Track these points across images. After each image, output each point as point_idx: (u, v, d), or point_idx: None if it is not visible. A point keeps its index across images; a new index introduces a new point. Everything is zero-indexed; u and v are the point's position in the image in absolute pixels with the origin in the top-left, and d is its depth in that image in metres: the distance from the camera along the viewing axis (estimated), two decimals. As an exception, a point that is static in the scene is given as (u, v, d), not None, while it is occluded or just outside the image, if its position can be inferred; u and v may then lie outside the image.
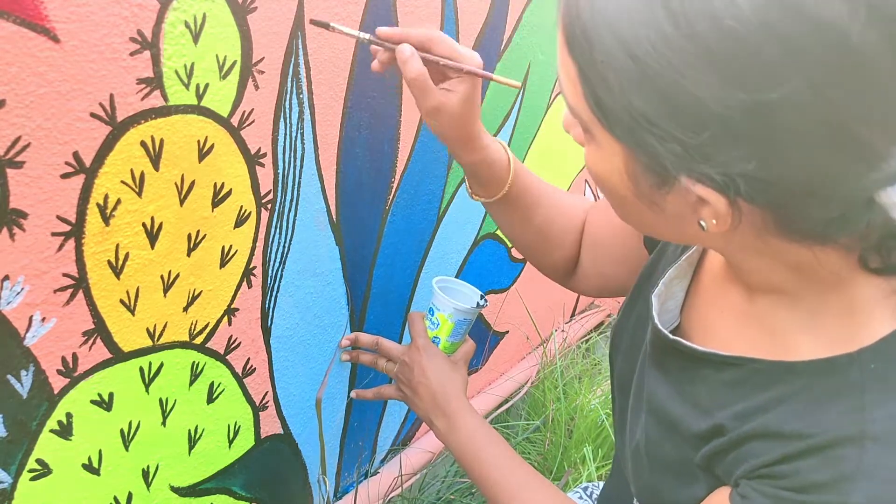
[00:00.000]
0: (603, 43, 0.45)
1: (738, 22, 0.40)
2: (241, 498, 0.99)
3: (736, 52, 0.41)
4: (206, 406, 0.87)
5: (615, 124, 0.48)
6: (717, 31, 0.41)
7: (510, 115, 1.29)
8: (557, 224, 0.89)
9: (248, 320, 0.89)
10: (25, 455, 0.68)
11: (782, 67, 0.41)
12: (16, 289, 0.62)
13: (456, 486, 1.47)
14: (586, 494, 1.05)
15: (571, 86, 0.51)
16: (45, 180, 0.61)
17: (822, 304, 0.54)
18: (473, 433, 0.88)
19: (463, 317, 0.97)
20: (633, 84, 0.45)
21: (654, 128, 0.45)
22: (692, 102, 0.43)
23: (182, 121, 0.70)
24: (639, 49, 0.43)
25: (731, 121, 0.43)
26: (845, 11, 0.40)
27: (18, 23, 0.55)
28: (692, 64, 0.42)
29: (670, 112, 0.44)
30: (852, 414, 0.51)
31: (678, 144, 0.45)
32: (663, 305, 0.67)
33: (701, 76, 0.42)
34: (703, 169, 0.45)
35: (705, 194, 0.47)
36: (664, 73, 0.43)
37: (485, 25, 1.13)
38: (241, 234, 0.83)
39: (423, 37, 0.75)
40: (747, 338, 0.60)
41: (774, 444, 0.54)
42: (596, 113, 0.49)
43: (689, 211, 0.50)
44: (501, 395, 1.59)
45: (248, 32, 0.74)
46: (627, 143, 0.49)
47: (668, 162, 0.47)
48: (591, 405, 1.67)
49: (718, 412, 0.59)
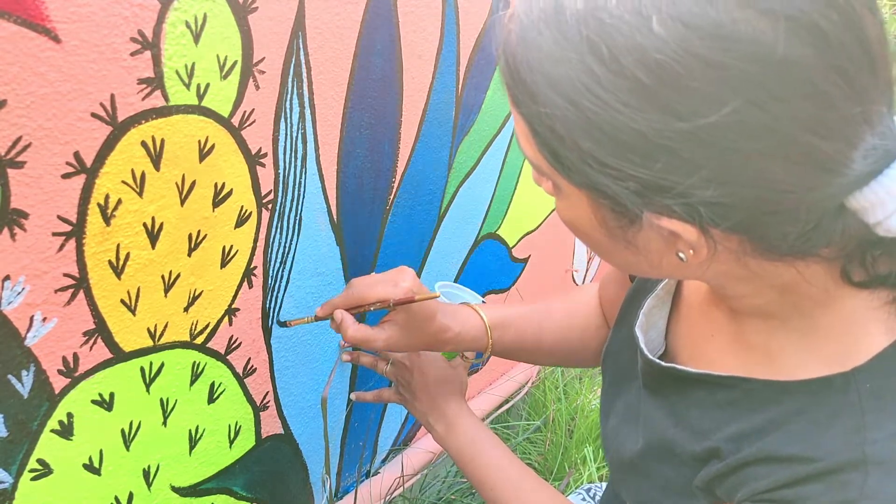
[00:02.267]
0: (543, 94, 0.46)
1: (662, 54, 0.41)
2: (242, 498, 0.99)
3: (667, 83, 0.41)
4: (206, 406, 0.87)
5: (571, 171, 0.48)
6: (644, 64, 0.42)
7: (510, 115, 1.29)
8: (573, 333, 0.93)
9: (249, 320, 0.89)
10: (26, 455, 0.68)
11: (715, 91, 0.41)
12: (16, 289, 0.62)
13: (456, 487, 1.47)
14: (589, 496, 1.05)
15: (526, 141, 0.51)
16: (45, 180, 0.61)
17: (812, 324, 0.54)
18: (472, 437, 0.88)
19: None
20: (578, 129, 0.45)
21: (606, 168, 0.46)
22: (636, 137, 0.43)
23: (183, 121, 0.70)
24: (575, 94, 0.44)
25: (677, 150, 0.43)
26: (766, 27, 0.40)
27: (19, 23, 0.55)
28: (626, 100, 0.43)
29: (618, 150, 0.44)
30: (852, 436, 0.50)
31: (633, 181, 0.45)
32: (647, 335, 0.68)
33: (637, 111, 0.42)
34: (663, 201, 0.46)
35: (672, 226, 0.47)
36: (603, 114, 0.44)
37: (485, 25, 1.13)
38: (242, 234, 0.83)
39: (347, 298, 0.84)
40: (740, 359, 0.60)
41: (775, 469, 0.53)
42: (552, 163, 0.50)
43: (665, 245, 0.50)
44: (502, 395, 1.59)
45: (249, 32, 0.74)
46: (587, 189, 0.49)
47: (628, 200, 0.47)
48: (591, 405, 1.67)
49: (713, 434, 0.59)
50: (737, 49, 0.40)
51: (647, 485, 0.67)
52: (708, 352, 0.64)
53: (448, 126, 1.13)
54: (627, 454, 0.68)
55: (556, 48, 0.45)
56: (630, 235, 0.51)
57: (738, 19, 0.40)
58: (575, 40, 0.44)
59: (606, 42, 0.42)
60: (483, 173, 1.27)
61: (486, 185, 1.30)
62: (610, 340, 0.78)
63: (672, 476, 0.63)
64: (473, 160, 1.23)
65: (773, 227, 0.47)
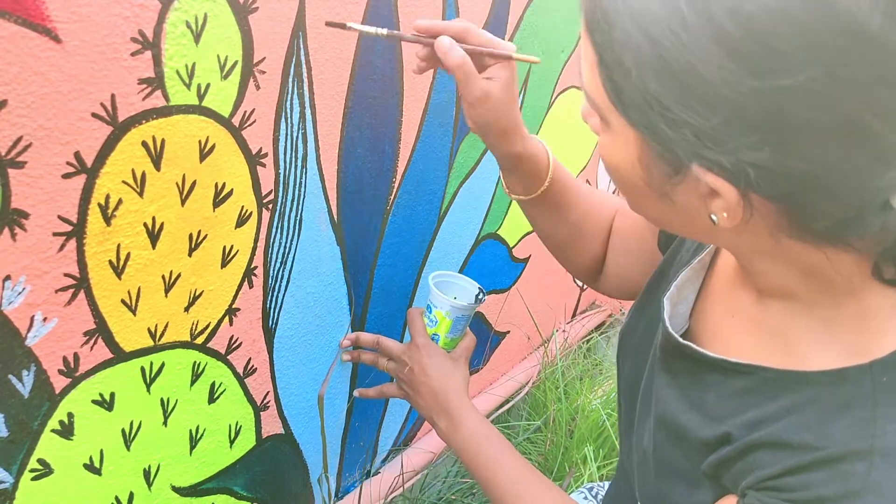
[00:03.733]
0: (621, 25, 0.45)
1: (756, 6, 0.40)
2: (243, 498, 0.99)
3: (751, 37, 0.41)
4: (207, 406, 0.87)
5: (630, 108, 0.48)
6: (734, 14, 0.41)
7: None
8: (591, 223, 0.89)
9: (250, 320, 0.89)
10: (27, 455, 0.68)
11: (797, 55, 0.40)
12: (17, 289, 0.62)
13: (457, 487, 1.47)
14: (591, 495, 1.05)
15: (590, 71, 0.51)
16: (46, 180, 0.61)
17: (836, 313, 0.54)
18: (475, 432, 0.88)
19: (461, 313, 0.96)
20: (648, 66, 0.45)
21: (666, 112, 0.45)
22: (706, 86, 0.43)
23: (183, 121, 0.70)
24: (655, 30, 0.44)
25: (742, 107, 0.42)
26: (865, 3, 0.39)
27: (20, 23, 0.55)
28: (707, 47, 0.42)
29: (683, 95, 0.44)
30: (862, 427, 0.50)
31: (689, 130, 0.45)
32: (675, 309, 0.67)
33: (715, 60, 0.42)
34: (714, 156, 0.45)
35: (715, 184, 0.47)
36: (679, 56, 0.43)
37: (485, 26, 1.13)
38: (243, 234, 0.83)
39: (460, 27, 0.75)
40: (758, 344, 0.59)
41: (782, 455, 0.53)
42: (612, 97, 0.49)
43: (701, 203, 0.50)
44: (502, 395, 1.59)
45: (250, 32, 0.74)
46: (641, 129, 0.48)
47: (680, 148, 0.46)
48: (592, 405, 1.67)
49: (727, 420, 0.58)
50: (830, 17, 0.39)
51: (654, 473, 0.66)
52: (728, 334, 0.63)
53: (449, 126, 1.13)
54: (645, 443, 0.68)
55: None
56: (669, 186, 0.51)
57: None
58: None
59: None
60: (483, 173, 1.27)
61: (487, 185, 1.30)
62: (631, 316, 0.77)
63: (680, 462, 0.63)
64: (474, 160, 1.23)
65: (814, 205, 0.46)
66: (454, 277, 1.03)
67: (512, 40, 1.21)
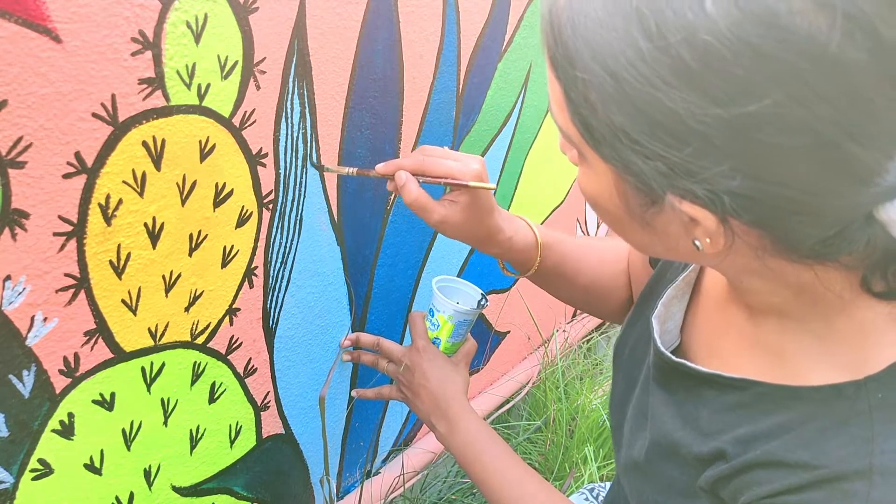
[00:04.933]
0: (583, 61, 0.45)
1: (712, 36, 0.40)
2: (243, 498, 0.99)
3: (711, 67, 0.40)
4: (207, 406, 0.87)
5: (600, 144, 0.48)
6: (692, 45, 0.40)
7: (511, 115, 1.29)
8: (604, 278, 0.90)
9: (250, 320, 0.89)
10: (27, 455, 0.68)
11: (759, 81, 0.40)
12: (17, 289, 0.62)
13: (457, 487, 1.47)
14: (592, 496, 1.05)
15: (558, 107, 0.51)
16: (46, 180, 0.61)
17: (828, 329, 0.53)
18: (474, 436, 0.87)
19: (463, 318, 0.97)
20: (613, 101, 0.44)
21: (636, 145, 0.45)
22: (671, 118, 0.42)
23: (183, 121, 0.70)
24: (616, 66, 0.43)
25: (710, 136, 0.42)
26: (822, 23, 0.39)
27: (20, 23, 0.55)
28: (668, 79, 0.42)
29: (651, 129, 0.44)
30: (860, 445, 0.50)
31: (661, 162, 0.44)
32: (663, 326, 0.67)
33: (677, 91, 0.42)
34: (688, 186, 0.45)
35: (693, 212, 0.46)
36: (642, 89, 0.43)
37: (486, 26, 1.13)
38: (243, 235, 0.83)
39: (416, 163, 0.80)
40: (752, 360, 0.59)
41: (780, 474, 0.53)
42: (582, 133, 0.49)
43: (683, 230, 0.50)
44: (503, 395, 1.59)
45: (250, 32, 0.74)
46: (613, 163, 0.48)
47: (653, 180, 0.46)
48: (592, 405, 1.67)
49: (720, 436, 0.58)
50: (788, 41, 0.39)
51: (651, 486, 0.66)
52: (721, 350, 0.63)
53: (449, 126, 1.13)
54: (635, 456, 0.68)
55: (603, 15, 0.44)
56: (649, 216, 0.51)
57: (795, 10, 0.39)
58: (624, 9, 0.43)
59: (656, 16, 0.41)
60: (484, 173, 1.27)
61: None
62: (623, 331, 0.78)
63: (676, 476, 0.63)
64: (474, 160, 1.23)
65: (795, 227, 0.46)
66: (457, 282, 1.04)
67: (512, 40, 1.21)
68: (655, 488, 0.66)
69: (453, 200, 0.80)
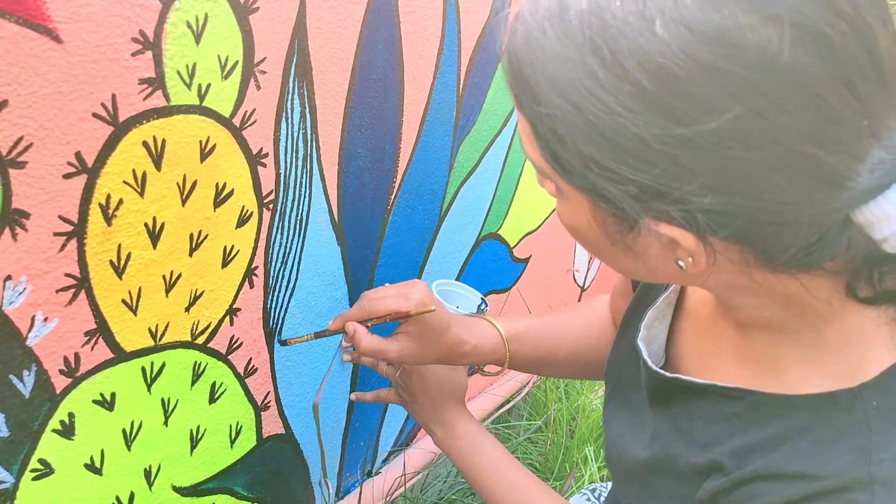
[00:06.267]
0: (545, 96, 0.45)
1: (665, 58, 0.40)
2: (244, 498, 0.99)
3: (668, 88, 0.41)
4: (207, 406, 0.87)
5: (572, 175, 0.48)
6: (647, 69, 0.41)
7: (512, 115, 1.29)
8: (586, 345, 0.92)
9: (250, 320, 0.89)
10: (28, 455, 0.68)
11: (717, 98, 0.40)
12: (18, 289, 0.62)
13: (458, 487, 1.47)
14: (594, 496, 1.05)
15: (529, 143, 0.51)
16: (47, 180, 0.61)
17: (819, 338, 0.53)
18: (472, 441, 0.88)
19: None
20: (578, 132, 0.45)
21: (607, 172, 0.45)
22: (636, 142, 0.43)
23: (184, 121, 0.70)
24: (576, 96, 0.44)
25: (676, 156, 0.42)
26: (771, 34, 0.39)
27: (20, 23, 0.55)
28: (627, 104, 0.42)
29: (618, 154, 0.44)
30: (859, 455, 0.49)
31: (633, 185, 0.45)
32: (649, 347, 0.67)
33: (639, 116, 0.42)
34: (661, 207, 0.45)
35: (671, 233, 0.47)
36: (605, 117, 0.43)
37: (486, 25, 1.13)
38: (243, 234, 0.83)
39: (359, 310, 0.86)
40: (746, 371, 0.59)
41: (780, 486, 0.53)
42: (553, 165, 0.49)
43: (664, 252, 0.50)
44: (503, 395, 1.59)
45: (250, 32, 0.74)
46: (587, 192, 0.48)
47: (627, 205, 0.46)
48: (592, 405, 1.67)
49: (715, 447, 0.58)
50: (740, 56, 0.40)
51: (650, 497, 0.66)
52: (714, 364, 0.63)
53: (449, 126, 1.13)
54: (631, 463, 0.68)
55: (559, 48, 0.44)
56: (630, 240, 0.51)
57: (743, 25, 0.39)
58: (578, 41, 0.43)
59: (609, 44, 0.42)
60: (484, 173, 1.27)
61: (487, 185, 1.30)
62: (612, 351, 0.78)
63: (675, 489, 0.63)
64: (474, 160, 1.23)
65: (774, 238, 0.46)
66: (457, 286, 1.03)
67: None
68: (655, 497, 0.65)
69: (405, 332, 0.84)
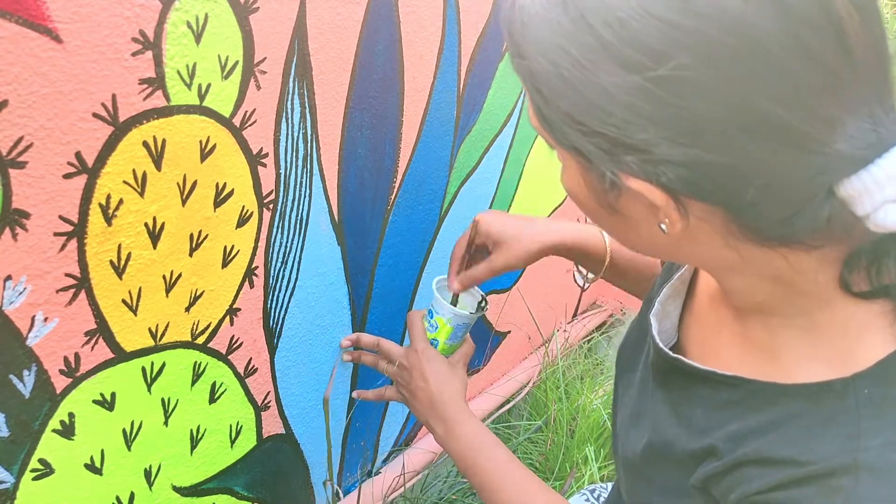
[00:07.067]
0: (530, 55, 0.49)
1: (624, 12, 0.44)
2: (244, 498, 0.99)
3: (625, 39, 0.44)
4: (207, 406, 0.87)
5: (555, 131, 0.51)
6: (608, 23, 0.44)
7: (512, 114, 1.29)
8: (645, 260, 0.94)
9: (250, 320, 0.89)
10: (28, 455, 0.68)
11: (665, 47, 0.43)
12: (18, 289, 0.62)
13: (458, 487, 1.47)
14: (593, 497, 1.05)
15: (529, 106, 0.54)
16: (47, 180, 0.61)
17: (812, 323, 0.54)
18: (471, 439, 0.88)
19: (462, 321, 0.96)
20: (555, 88, 0.48)
21: (581, 126, 0.48)
22: (600, 93, 0.46)
23: (184, 121, 0.70)
24: (553, 54, 0.47)
25: (632, 105, 0.45)
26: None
27: (21, 23, 0.55)
28: (590, 57, 0.45)
29: (588, 107, 0.47)
30: (847, 442, 0.50)
31: (601, 138, 0.47)
32: (661, 325, 0.68)
33: (600, 66, 0.45)
34: (626, 159, 0.47)
35: (639, 187, 0.48)
36: (573, 70, 0.46)
37: (486, 25, 1.13)
38: (243, 234, 0.83)
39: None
40: (744, 358, 0.60)
41: (769, 471, 0.53)
42: (543, 125, 0.52)
43: (646, 214, 0.52)
44: (503, 395, 1.59)
45: (251, 32, 0.74)
46: (569, 150, 0.51)
47: (597, 158, 0.49)
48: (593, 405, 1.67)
49: (712, 433, 0.58)
50: (691, 8, 0.42)
51: (646, 486, 0.66)
52: (715, 348, 0.64)
53: (449, 126, 1.13)
54: (631, 454, 0.69)
55: (540, 9, 0.48)
56: (612, 200, 0.53)
57: None
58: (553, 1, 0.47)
59: (579, 2, 0.46)
60: (484, 173, 1.27)
61: (488, 185, 1.30)
62: (627, 333, 0.78)
63: (671, 475, 0.63)
64: (475, 160, 1.23)
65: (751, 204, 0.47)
66: None
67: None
68: (651, 489, 0.66)
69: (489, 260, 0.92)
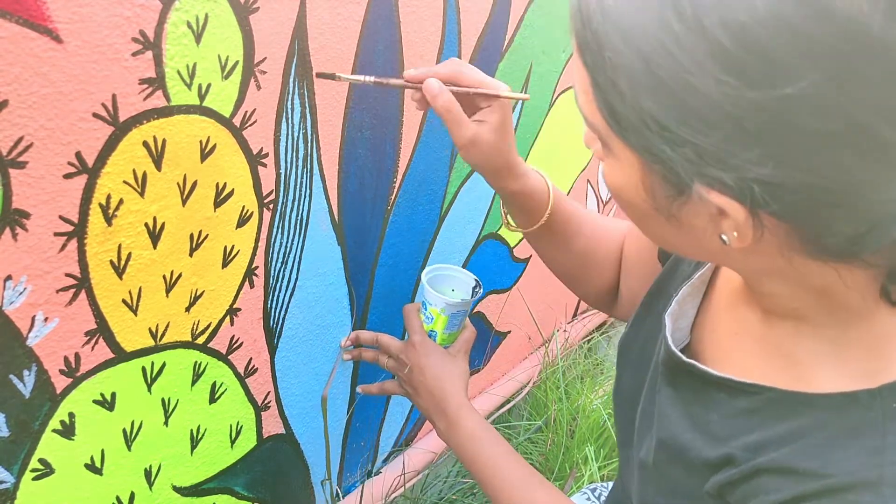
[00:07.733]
0: (612, 44, 0.44)
1: (749, 16, 0.39)
2: (244, 498, 0.99)
3: (747, 48, 0.39)
4: (208, 406, 0.87)
5: (627, 131, 0.47)
6: (727, 26, 0.39)
7: (512, 114, 1.29)
8: (599, 251, 0.89)
9: (251, 320, 0.89)
10: (28, 455, 0.68)
11: (796, 62, 0.39)
12: (18, 289, 0.62)
13: (458, 486, 1.47)
14: (594, 496, 1.05)
15: (585, 96, 0.49)
16: (47, 180, 0.61)
17: (844, 336, 0.52)
18: (473, 433, 0.87)
19: (456, 309, 0.94)
20: (643, 86, 0.43)
21: (665, 132, 0.44)
22: (703, 102, 0.41)
23: (184, 121, 0.71)
24: (647, 48, 0.42)
25: (742, 120, 0.41)
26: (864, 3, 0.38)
27: (21, 23, 0.55)
28: (701, 62, 0.41)
29: (681, 114, 0.42)
30: (871, 456, 0.48)
31: (690, 148, 0.43)
32: (675, 324, 0.66)
33: (711, 74, 0.40)
34: (717, 174, 0.44)
35: (722, 203, 0.45)
36: (674, 73, 0.42)
37: (486, 25, 1.13)
38: (243, 234, 0.83)
39: (450, 72, 0.76)
40: (764, 364, 0.58)
41: (788, 481, 0.52)
42: (609, 121, 0.48)
43: (710, 224, 0.48)
44: (503, 395, 1.59)
45: (251, 32, 0.74)
46: (641, 152, 0.47)
47: (681, 168, 0.45)
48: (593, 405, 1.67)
49: (730, 441, 0.57)
50: (828, 21, 0.38)
51: (655, 487, 0.65)
52: (732, 351, 0.62)
53: (449, 126, 1.13)
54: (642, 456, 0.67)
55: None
56: (675, 208, 0.49)
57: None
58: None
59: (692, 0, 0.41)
60: (484, 173, 1.27)
61: (488, 186, 1.30)
62: (630, 328, 0.76)
63: (682, 479, 0.62)
64: (475, 160, 1.23)
65: (827, 222, 0.44)
66: (451, 270, 1.00)
67: (513, 40, 1.21)
68: (660, 490, 0.65)
69: (483, 119, 0.76)
